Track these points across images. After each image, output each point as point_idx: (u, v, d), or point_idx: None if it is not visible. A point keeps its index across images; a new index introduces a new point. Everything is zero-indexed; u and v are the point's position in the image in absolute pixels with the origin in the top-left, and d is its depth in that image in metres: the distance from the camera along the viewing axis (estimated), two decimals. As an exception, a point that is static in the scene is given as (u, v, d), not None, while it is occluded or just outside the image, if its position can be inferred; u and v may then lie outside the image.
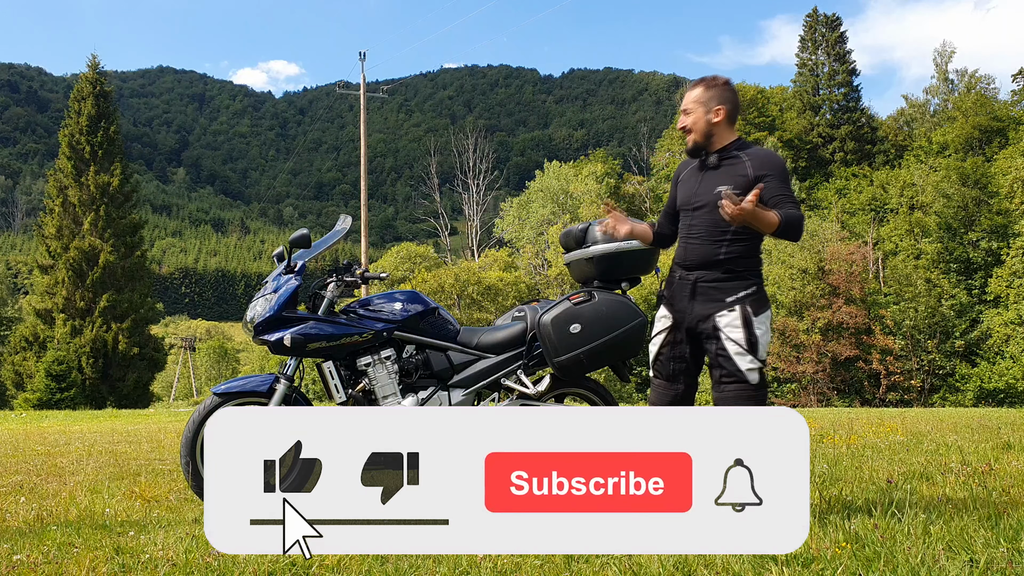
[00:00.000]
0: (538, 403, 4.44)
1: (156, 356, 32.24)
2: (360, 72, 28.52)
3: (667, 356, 3.34)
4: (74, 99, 32.48)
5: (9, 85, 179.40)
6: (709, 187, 3.21)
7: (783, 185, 3.14)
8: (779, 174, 3.16)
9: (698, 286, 3.23)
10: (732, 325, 3.14)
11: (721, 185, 3.12)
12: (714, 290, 3.19)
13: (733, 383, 3.14)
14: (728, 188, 3.04)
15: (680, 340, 3.32)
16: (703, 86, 3.28)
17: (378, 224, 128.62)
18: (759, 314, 3.16)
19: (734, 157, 3.23)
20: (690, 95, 3.30)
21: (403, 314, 4.35)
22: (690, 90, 3.32)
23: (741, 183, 3.12)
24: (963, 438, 6.86)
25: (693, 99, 3.27)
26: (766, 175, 3.13)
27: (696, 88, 3.29)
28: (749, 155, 3.21)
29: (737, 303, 3.15)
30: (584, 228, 4.44)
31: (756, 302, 3.17)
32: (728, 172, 3.20)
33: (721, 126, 3.25)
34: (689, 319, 3.27)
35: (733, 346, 3.13)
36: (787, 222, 3.04)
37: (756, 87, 53.70)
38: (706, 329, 3.21)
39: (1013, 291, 33.00)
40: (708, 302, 3.20)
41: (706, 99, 3.24)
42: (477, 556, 2.67)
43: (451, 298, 34.25)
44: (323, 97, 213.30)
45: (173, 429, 10.93)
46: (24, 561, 2.78)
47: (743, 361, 3.12)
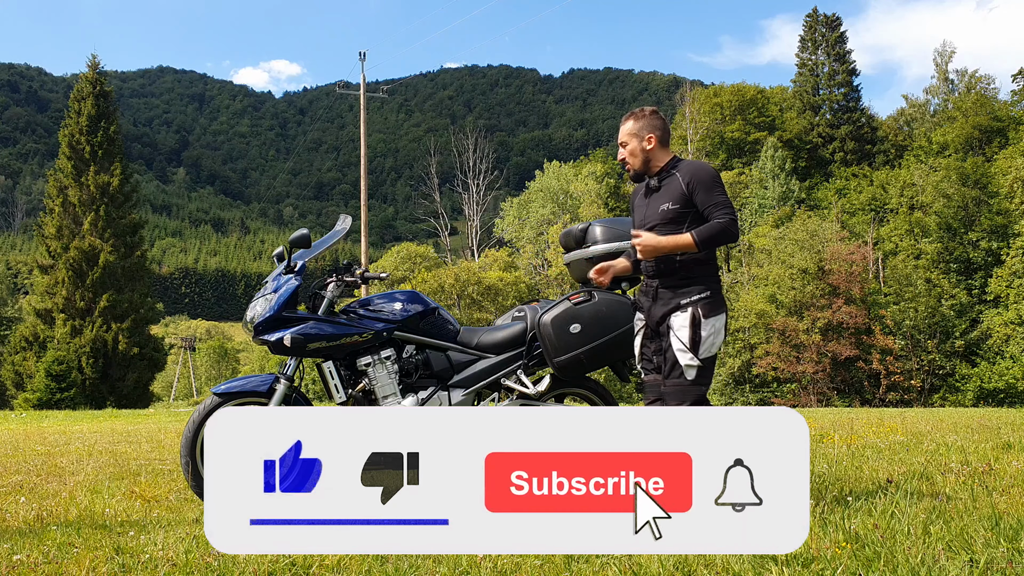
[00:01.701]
0: (538, 403, 4.44)
1: (156, 356, 32.22)
2: (360, 72, 28.54)
3: (651, 352, 3.60)
4: (74, 99, 32.46)
5: (9, 85, 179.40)
6: (655, 207, 3.53)
7: (710, 194, 3.42)
8: (706, 184, 3.44)
9: (658, 291, 3.53)
10: (681, 325, 3.41)
11: (663, 203, 3.48)
12: (670, 294, 3.49)
13: (675, 378, 3.42)
14: (668, 204, 3.45)
15: (652, 336, 3.60)
16: (632, 119, 3.60)
17: (378, 224, 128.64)
18: (709, 317, 3.41)
19: (670, 175, 3.53)
20: (623, 129, 3.61)
21: (403, 314, 4.35)
22: (623, 124, 3.64)
23: (678, 197, 3.46)
24: (963, 438, 6.86)
25: (627, 132, 3.58)
26: (695, 187, 3.43)
27: (627, 122, 3.61)
28: (680, 171, 3.51)
29: (689, 305, 3.42)
30: (584, 228, 4.44)
31: (708, 305, 3.43)
32: (667, 190, 3.52)
33: (655, 151, 3.56)
34: (651, 321, 3.56)
35: (677, 343, 3.40)
36: (703, 239, 3.35)
37: (756, 87, 53.71)
38: (663, 329, 3.51)
39: (1013, 291, 33.00)
40: (664, 304, 3.49)
41: (637, 130, 3.56)
42: (477, 556, 2.67)
43: (451, 298, 34.25)
44: (323, 97, 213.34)
45: (173, 429, 10.93)
46: (24, 561, 2.78)
47: (683, 358, 3.39)
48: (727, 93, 52.19)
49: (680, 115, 51.46)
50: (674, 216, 3.45)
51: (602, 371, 5.11)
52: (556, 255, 37.17)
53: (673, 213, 3.45)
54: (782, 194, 45.05)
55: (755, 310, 33.29)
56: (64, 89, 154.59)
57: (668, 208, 3.45)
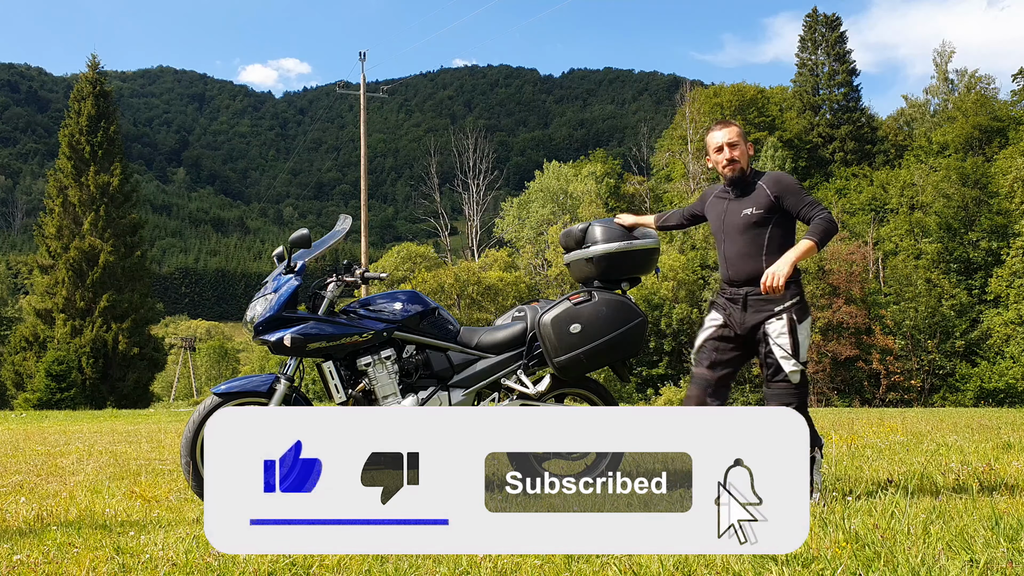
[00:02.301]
0: (538, 403, 4.44)
1: (156, 356, 32.23)
2: (360, 72, 28.54)
3: (711, 348, 3.74)
4: (74, 99, 32.46)
5: (9, 85, 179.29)
6: (736, 211, 3.72)
7: (800, 197, 3.65)
8: (793, 189, 3.67)
9: (748, 299, 3.65)
10: (780, 332, 3.56)
11: (745, 208, 3.68)
12: (763, 302, 3.61)
13: (779, 383, 3.57)
14: (752, 209, 3.64)
15: (728, 338, 3.73)
16: (735, 126, 3.81)
17: (378, 224, 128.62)
18: (802, 321, 3.59)
19: (751, 183, 3.73)
20: (732, 130, 3.77)
21: (403, 314, 4.35)
22: (726, 127, 3.79)
23: (763, 203, 3.66)
24: (963, 438, 6.86)
25: (737, 134, 3.76)
26: (783, 194, 3.65)
27: (732, 126, 3.80)
28: (764, 181, 3.71)
29: (784, 312, 3.57)
30: (584, 228, 4.44)
31: (800, 310, 3.59)
32: (750, 197, 3.71)
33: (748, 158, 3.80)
34: (742, 328, 3.68)
35: (779, 351, 3.55)
36: (820, 238, 3.55)
37: (756, 87, 53.71)
38: (757, 335, 3.64)
39: (1013, 291, 33.00)
40: (758, 312, 3.62)
41: (744, 135, 3.79)
42: (477, 556, 2.67)
43: (451, 298, 34.24)
44: (323, 97, 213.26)
45: (173, 429, 10.93)
46: (24, 561, 2.78)
47: (787, 364, 3.55)
48: (727, 93, 52.19)
49: (680, 115, 51.46)
50: (758, 220, 3.65)
51: (602, 371, 5.11)
52: (556, 255, 37.16)
53: (757, 218, 3.64)
54: (782, 194, 44.99)
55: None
56: (64, 89, 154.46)
57: (752, 213, 3.65)
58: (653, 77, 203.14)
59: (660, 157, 50.85)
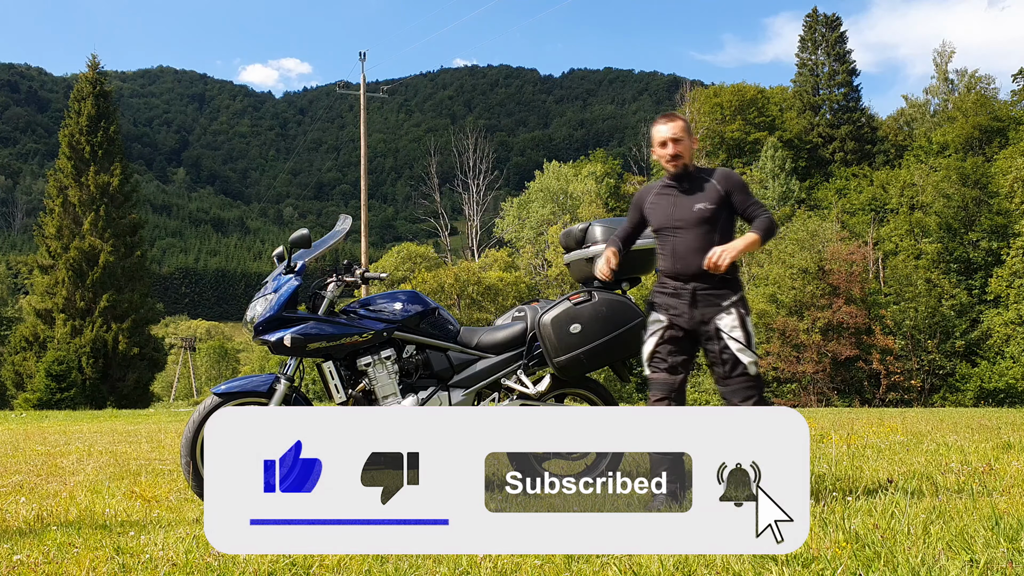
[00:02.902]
0: (538, 403, 4.44)
1: (156, 356, 32.22)
2: (360, 72, 28.54)
3: (665, 352, 3.70)
4: (74, 99, 32.45)
5: (9, 85, 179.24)
6: (686, 207, 3.69)
7: (747, 195, 3.71)
8: (741, 186, 3.71)
9: (697, 294, 3.63)
10: (733, 326, 3.58)
11: (697, 203, 3.67)
12: (712, 297, 3.62)
13: (738, 377, 3.56)
14: (704, 205, 3.64)
15: (677, 339, 3.69)
16: (679, 120, 3.76)
17: (378, 224, 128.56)
18: (748, 314, 3.64)
19: (702, 179, 3.73)
20: (674, 126, 3.72)
21: (403, 314, 4.35)
22: (670, 121, 3.75)
23: (716, 199, 3.67)
24: (963, 438, 6.86)
25: (680, 129, 3.72)
26: (732, 190, 3.68)
27: (677, 120, 3.76)
28: (713, 176, 3.73)
29: (732, 306, 3.61)
30: (584, 228, 4.44)
31: (745, 305, 3.66)
32: (701, 192, 3.69)
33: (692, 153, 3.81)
34: (690, 323, 3.66)
35: (735, 344, 3.56)
36: (764, 233, 3.64)
37: (756, 87, 53.70)
38: (707, 331, 3.62)
39: (1013, 291, 32.98)
40: (707, 307, 3.62)
41: (687, 130, 3.75)
42: (477, 556, 2.67)
43: (451, 298, 34.23)
44: (323, 97, 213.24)
45: (173, 429, 10.93)
46: (24, 561, 2.78)
47: (745, 357, 3.56)
48: (727, 93, 52.18)
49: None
50: (709, 216, 3.65)
51: (602, 371, 5.11)
52: (556, 255, 37.16)
53: (709, 213, 3.64)
54: (782, 194, 45.06)
55: (755, 310, 33.27)
56: (64, 89, 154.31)
57: (704, 208, 3.64)
58: (653, 77, 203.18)
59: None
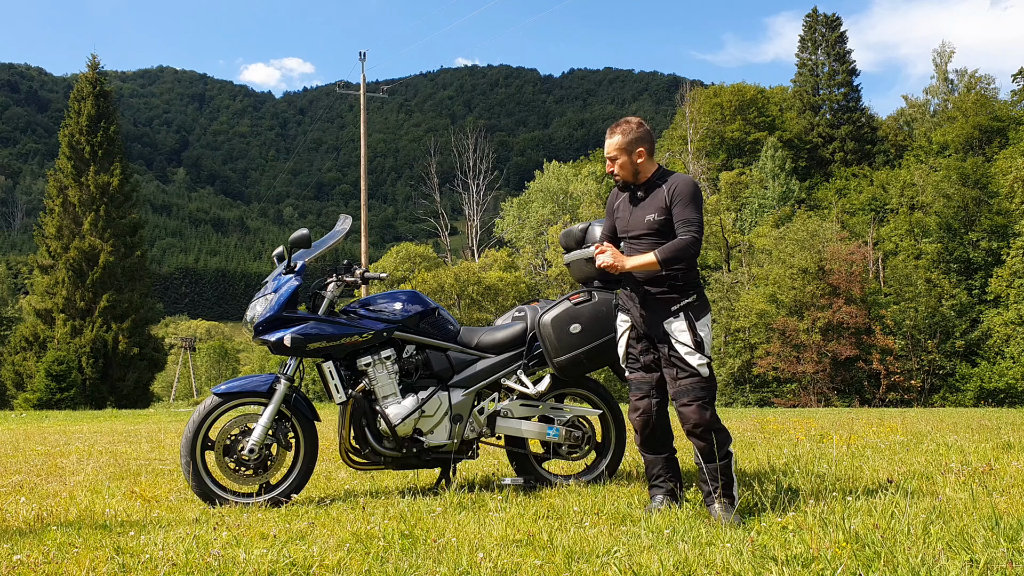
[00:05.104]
0: (538, 403, 4.45)
1: (156, 356, 32.20)
2: (360, 72, 28.54)
3: (637, 351, 3.72)
4: (74, 99, 32.44)
5: (9, 85, 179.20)
6: (640, 216, 3.63)
7: (685, 209, 3.53)
8: (684, 199, 3.54)
9: (647, 299, 3.62)
10: (680, 330, 3.53)
11: (648, 214, 3.59)
12: (660, 301, 3.59)
13: (688, 379, 3.52)
14: (654, 216, 3.55)
15: (643, 336, 3.70)
16: (620, 133, 3.63)
17: (378, 224, 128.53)
18: (700, 318, 3.56)
19: (657, 187, 3.63)
20: (611, 143, 3.64)
21: (403, 314, 4.35)
22: (610, 137, 3.66)
23: (663, 209, 3.57)
24: (963, 438, 6.87)
25: (616, 147, 3.62)
26: (675, 199, 3.55)
27: (615, 136, 3.65)
28: (667, 184, 3.61)
29: (680, 311, 3.55)
30: (584, 228, 4.44)
31: (697, 308, 3.57)
32: (652, 201, 3.61)
33: (644, 164, 3.64)
34: (640, 325, 3.67)
35: (683, 347, 3.52)
36: (665, 259, 3.47)
37: (756, 87, 53.76)
38: (657, 334, 3.61)
39: (1013, 291, 32.99)
40: (655, 311, 3.60)
41: (626, 144, 3.61)
42: (477, 556, 2.67)
43: (451, 298, 34.24)
44: (323, 97, 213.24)
45: (173, 429, 10.93)
46: (24, 561, 2.78)
47: (693, 359, 3.50)
48: (727, 93, 52.23)
49: (680, 115, 51.51)
50: (659, 227, 3.57)
51: (602, 371, 5.12)
52: (556, 255, 37.17)
53: (658, 224, 3.57)
54: (782, 194, 45.09)
55: (755, 310, 33.27)
56: (64, 89, 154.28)
57: (654, 219, 3.57)
58: (653, 77, 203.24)
59: (660, 157, 50.83)
